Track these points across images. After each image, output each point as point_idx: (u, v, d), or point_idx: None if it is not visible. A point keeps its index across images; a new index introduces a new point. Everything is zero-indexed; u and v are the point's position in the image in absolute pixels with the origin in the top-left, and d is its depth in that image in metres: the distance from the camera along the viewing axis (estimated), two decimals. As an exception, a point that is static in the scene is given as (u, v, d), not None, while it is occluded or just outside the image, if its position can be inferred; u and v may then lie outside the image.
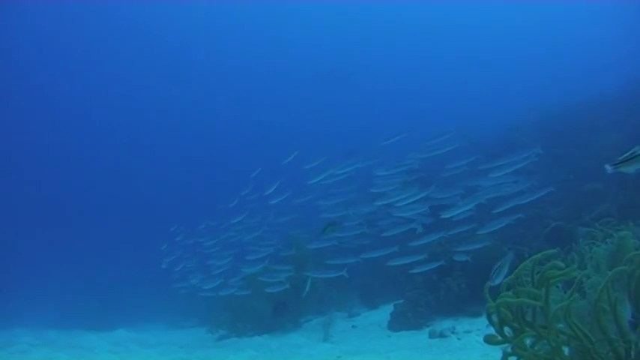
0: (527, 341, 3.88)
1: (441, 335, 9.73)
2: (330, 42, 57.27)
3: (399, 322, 11.34)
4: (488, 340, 3.99)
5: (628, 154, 5.09)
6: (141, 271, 20.04)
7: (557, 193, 14.30)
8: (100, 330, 17.22)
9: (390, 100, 49.80)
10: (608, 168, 5.26)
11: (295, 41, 58.77)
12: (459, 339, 9.25)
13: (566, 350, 3.81)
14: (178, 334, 16.14)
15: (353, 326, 12.63)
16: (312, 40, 58.34)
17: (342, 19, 57.96)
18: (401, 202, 11.46)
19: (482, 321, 9.67)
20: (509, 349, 3.97)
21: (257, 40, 59.50)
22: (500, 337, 3.96)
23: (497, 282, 8.03)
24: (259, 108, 54.73)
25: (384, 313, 12.56)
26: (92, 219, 40.05)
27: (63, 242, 33.57)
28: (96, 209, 42.55)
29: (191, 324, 17.55)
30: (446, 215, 11.09)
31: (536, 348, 3.87)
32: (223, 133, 52.49)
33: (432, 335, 9.94)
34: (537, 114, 21.39)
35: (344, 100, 50.45)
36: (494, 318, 3.97)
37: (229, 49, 59.61)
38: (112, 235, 34.50)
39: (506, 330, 3.94)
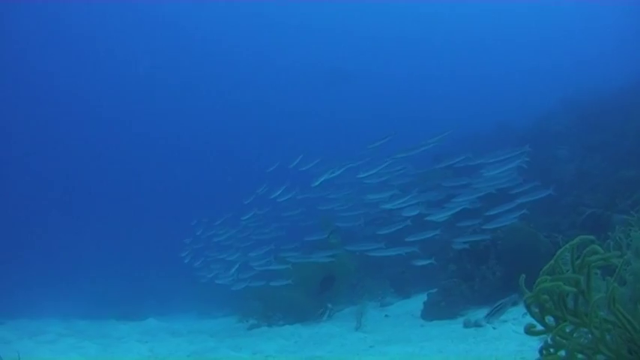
0: (567, 329, 3.77)
1: (476, 325, 9.59)
2: (342, 40, 57.43)
3: (432, 312, 11.24)
4: (529, 330, 3.88)
5: None
6: (171, 262, 20.12)
7: (592, 181, 14.19)
8: (131, 319, 17.32)
9: (413, 96, 49.99)
10: None
11: (304, 39, 59.00)
12: (494, 328, 9.12)
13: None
14: (209, 324, 16.19)
15: (386, 315, 12.58)
16: (321, 37, 58.47)
17: (354, 17, 58.10)
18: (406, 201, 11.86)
19: (518, 310, 9.54)
20: (549, 340, 3.87)
21: (267, 37, 59.82)
22: (540, 327, 3.86)
23: (493, 319, 8.04)
24: (270, 105, 55.05)
25: (417, 302, 12.47)
26: (123, 210, 40.36)
27: (95, 232, 33.87)
28: (125, 201, 42.93)
29: (222, 313, 17.60)
30: (432, 218, 11.49)
31: (574, 336, 3.77)
32: (240, 129, 52.83)
33: (466, 325, 9.81)
34: (568, 102, 21.31)
35: (363, 97, 50.69)
36: (534, 308, 3.86)
37: (241, 45, 59.87)
38: (142, 226, 34.78)
39: (547, 319, 3.83)
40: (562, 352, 3.79)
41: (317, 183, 12.54)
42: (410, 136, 12.95)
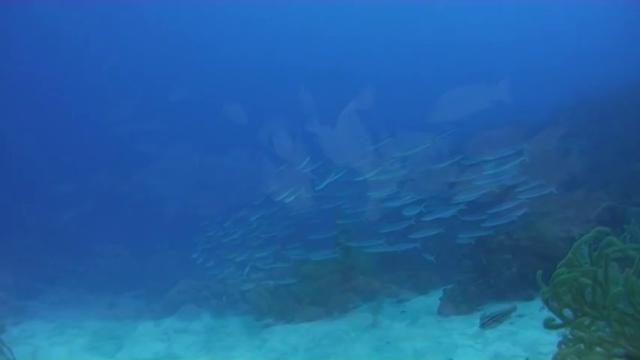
0: (586, 322, 3.78)
1: (493, 320, 9.61)
2: (345, 41, 57.41)
3: (449, 307, 11.25)
4: (548, 324, 3.89)
5: None
6: (186, 260, 20.15)
7: (606, 174, 14.16)
8: (148, 319, 17.38)
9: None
10: None
11: (302, 39, 59.05)
12: (511, 323, 9.12)
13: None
14: (227, 322, 16.22)
15: (402, 312, 12.56)
16: (320, 38, 58.47)
17: (355, 16, 58.11)
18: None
19: (534, 305, 9.56)
20: (568, 334, 3.88)
21: (266, 37, 59.88)
22: (559, 321, 3.87)
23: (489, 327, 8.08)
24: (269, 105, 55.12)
25: (433, 298, 12.47)
26: (136, 210, 40.43)
27: (110, 231, 33.94)
28: (139, 200, 43.04)
29: (240, 312, 17.64)
30: (427, 219, 11.60)
31: (592, 329, 3.78)
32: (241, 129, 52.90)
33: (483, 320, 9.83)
34: (579, 97, 21.33)
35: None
36: (552, 302, 3.87)
37: (242, 45, 60.01)
38: (157, 226, 34.83)
39: (565, 312, 3.84)
40: (580, 346, 3.81)
41: (321, 186, 12.73)
42: (413, 135, 12.99)
